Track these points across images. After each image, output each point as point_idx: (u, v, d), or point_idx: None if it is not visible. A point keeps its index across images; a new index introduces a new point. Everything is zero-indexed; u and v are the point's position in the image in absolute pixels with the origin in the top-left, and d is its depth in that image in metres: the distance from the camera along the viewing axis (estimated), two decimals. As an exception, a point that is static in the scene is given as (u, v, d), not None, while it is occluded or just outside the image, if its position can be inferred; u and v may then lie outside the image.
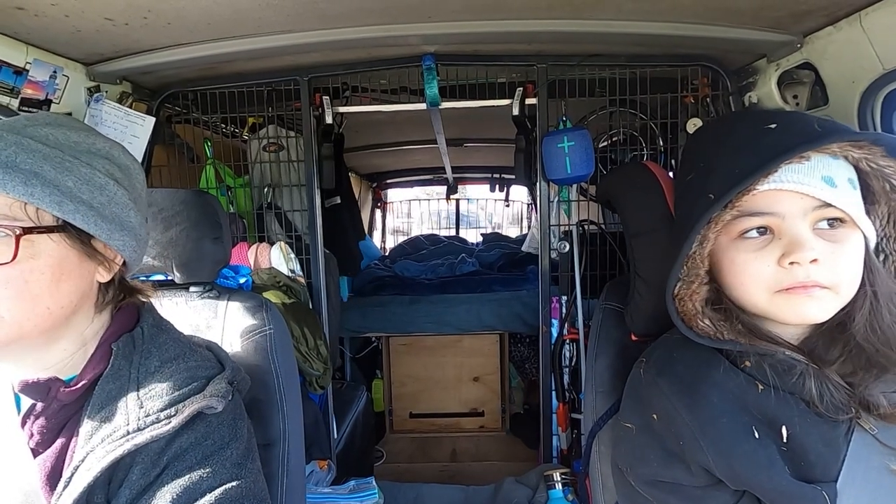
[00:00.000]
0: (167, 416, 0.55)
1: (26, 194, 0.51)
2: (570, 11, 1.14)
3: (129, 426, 0.54)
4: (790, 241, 0.56)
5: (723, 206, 0.57)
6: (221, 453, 0.57)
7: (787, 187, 0.55)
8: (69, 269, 0.55)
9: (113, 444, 0.53)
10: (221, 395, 0.59)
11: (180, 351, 0.63)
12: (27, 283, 0.52)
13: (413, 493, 1.98)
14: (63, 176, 0.54)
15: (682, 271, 0.62)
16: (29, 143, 0.54)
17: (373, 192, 4.12)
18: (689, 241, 0.59)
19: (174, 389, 0.58)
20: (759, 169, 0.55)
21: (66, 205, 0.53)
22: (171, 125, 1.74)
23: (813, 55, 1.14)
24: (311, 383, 1.55)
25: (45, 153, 0.54)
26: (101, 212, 0.56)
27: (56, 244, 0.54)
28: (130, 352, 0.60)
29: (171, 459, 0.55)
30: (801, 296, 0.56)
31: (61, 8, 0.97)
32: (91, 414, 0.56)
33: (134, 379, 0.58)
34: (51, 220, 0.54)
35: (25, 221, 0.52)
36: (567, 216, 1.67)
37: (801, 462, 0.57)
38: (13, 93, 1.12)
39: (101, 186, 0.57)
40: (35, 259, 0.52)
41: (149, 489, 0.54)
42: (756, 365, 0.60)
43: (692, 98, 1.53)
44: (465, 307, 2.42)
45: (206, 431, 0.57)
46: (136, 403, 0.56)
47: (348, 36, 1.22)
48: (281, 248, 1.62)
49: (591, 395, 0.91)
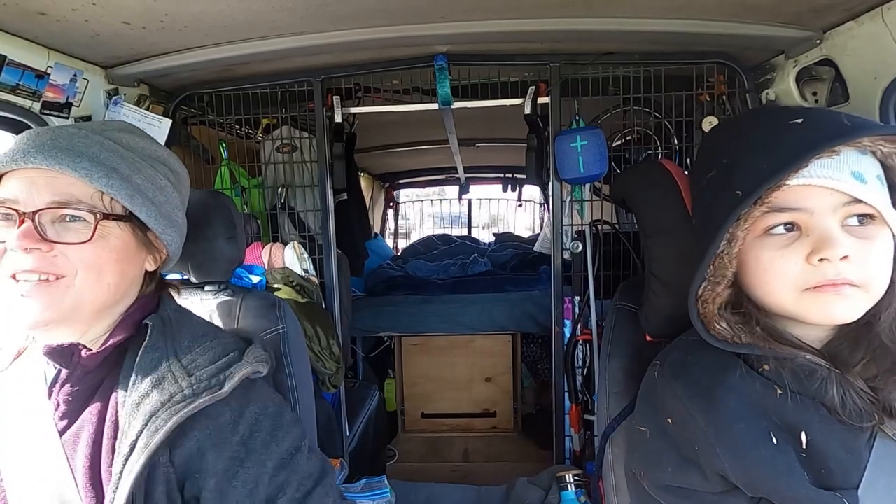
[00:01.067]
0: (218, 381, 0.61)
1: (107, 185, 0.59)
2: (583, 9, 1.13)
3: (184, 391, 0.59)
4: (819, 238, 0.54)
5: (752, 203, 0.55)
6: (284, 415, 0.65)
7: (817, 182, 0.53)
8: (129, 254, 0.64)
9: (176, 408, 0.58)
10: (263, 360, 0.66)
11: (207, 329, 0.70)
12: (98, 259, 0.60)
13: (425, 493, 1.98)
14: (134, 174, 0.63)
15: (709, 271, 0.60)
16: (109, 143, 0.62)
17: (385, 193, 4.13)
18: (718, 240, 0.57)
19: (215, 359, 0.64)
20: (791, 163, 0.53)
21: (136, 198, 0.62)
22: (187, 127, 1.76)
23: (833, 51, 1.12)
24: (324, 382, 1.56)
25: (121, 153, 0.63)
26: (161, 209, 0.65)
27: (122, 231, 0.62)
28: (162, 329, 0.66)
29: (251, 430, 0.62)
30: (830, 294, 0.54)
31: (81, 13, 0.99)
32: (135, 382, 0.61)
33: (172, 352, 0.64)
34: (121, 210, 0.62)
35: (101, 209, 0.60)
36: (580, 216, 1.65)
37: (820, 469, 0.55)
38: (35, 96, 1.15)
39: (161, 187, 0.66)
40: (105, 240, 0.60)
41: (239, 457, 0.60)
42: (775, 369, 0.58)
43: (707, 96, 1.51)
44: (478, 307, 2.42)
45: (262, 401, 0.65)
46: (183, 372, 0.62)
47: (360, 37, 1.22)
48: (294, 248, 1.63)
49: (604, 396, 0.90)
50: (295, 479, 0.62)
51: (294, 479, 0.62)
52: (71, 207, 0.58)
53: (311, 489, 0.63)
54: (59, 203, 0.58)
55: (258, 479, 0.60)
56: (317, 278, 1.66)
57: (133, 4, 0.98)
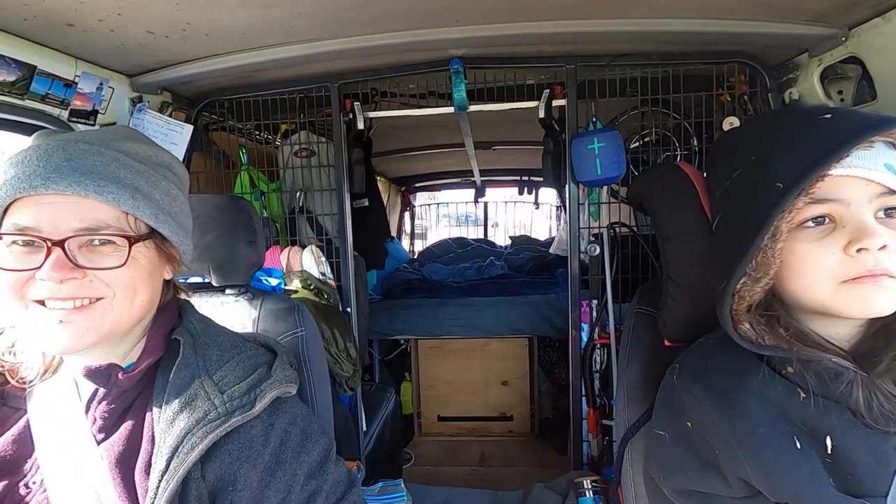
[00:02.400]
0: (249, 400, 0.62)
1: (133, 207, 0.59)
2: (599, 11, 1.12)
3: (218, 409, 0.60)
4: (857, 228, 0.53)
5: (796, 195, 0.54)
6: (311, 426, 0.67)
7: (858, 173, 0.53)
8: (155, 268, 0.64)
9: (211, 426, 0.58)
10: (292, 380, 0.67)
11: (234, 341, 0.70)
12: (133, 279, 0.60)
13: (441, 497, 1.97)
14: (153, 190, 0.62)
15: (750, 266, 0.58)
16: (124, 158, 0.61)
17: (401, 196, 4.15)
18: (762, 234, 0.56)
19: (245, 376, 0.64)
20: (834, 151, 0.52)
21: (160, 216, 0.61)
22: (208, 133, 1.80)
23: (859, 48, 1.09)
24: (341, 384, 1.57)
25: (137, 168, 0.61)
26: (177, 219, 0.65)
27: (148, 248, 0.62)
28: (192, 344, 0.66)
29: (282, 442, 0.63)
30: (869, 285, 0.53)
31: (107, 23, 1.02)
32: (168, 399, 0.61)
33: (203, 367, 0.64)
34: (145, 228, 0.62)
35: (128, 230, 0.60)
36: (596, 219, 1.64)
37: (847, 475, 0.54)
38: (63, 104, 1.19)
39: (174, 197, 0.65)
40: (136, 260, 0.60)
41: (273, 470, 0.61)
42: (799, 371, 0.57)
43: (728, 96, 1.48)
44: (494, 310, 2.41)
45: (291, 411, 0.66)
46: (216, 389, 0.62)
47: (376, 42, 1.23)
48: (312, 252, 1.65)
49: (622, 401, 0.89)
50: (325, 487, 0.63)
51: (324, 487, 0.63)
52: (101, 233, 0.57)
53: (340, 497, 0.64)
54: (87, 230, 0.57)
55: (290, 488, 0.60)
56: (334, 281, 1.67)
57: (156, 14, 1.01)
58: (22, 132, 1.15)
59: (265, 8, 1.03)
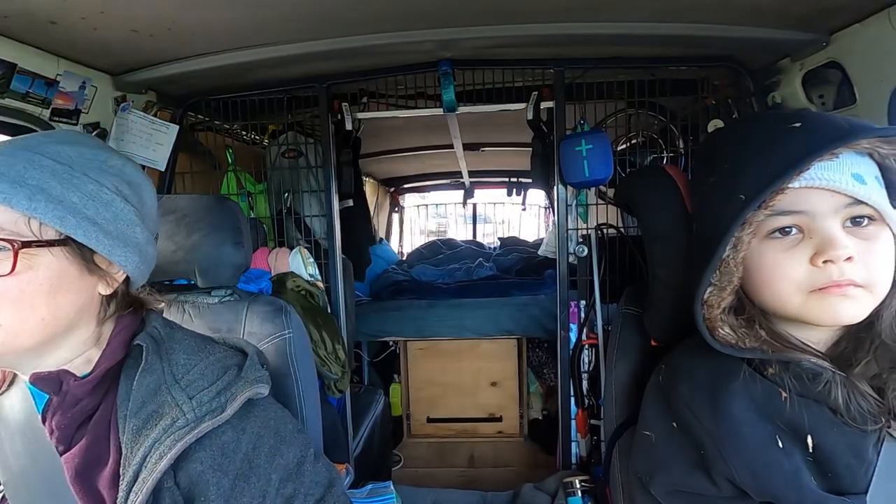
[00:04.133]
0: (219, 405, 0.59)
1: (29, 209, 0.52)
2: (586, 14, 1.13)
3: (186, 416, 0.57)
4: (823, 240, 0.54)
5: (756, 207, 0.55)
6: (286, 427, 0.64)
7: (819, 184, 0.54)
8: (68, 282, 0.56)
9: (179, 433, 0.56)
10: (264, 380, 0.64)
11: (200, 344, 0.66)
12: (24, 293, 0.53)
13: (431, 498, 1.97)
14: (69, 192, 0.55)
15: (714, 276, 0.60)
16: (40, 159, 0.55)
17: (390, 197, 4.14)
18: (724, 245, 0.57)
19: (214, 380, 0.61)
20: (793, 166, 0.53)
21: (68, 220, 0.54)
22: (194, 133, 1.78)
23: (839, 53, 1.11)
24: (330, 387, 1.56)
25: (53, 169, 0.55)
26: (105, 227, 0.57)
27: (56, 258, 0.55)
28: (156, 349, 0.63)
29: (253, 446, 0.60)
30: (835, 296, 0.54)
31: (90, 21, 1.01)
32: (133, 408, 0.58)
33: (168, 373, 0.61)
34: (53, 234, 0.55)
35: (28, 236, 0.53)
36: (584, 220, 1.65)
37: (828, 473, 0.55)
38: (45, 104, 1.17)
39: (107, 203, 0.58)
40: (33, 271, 0.53)
41: (244, 474, 0.58)
42: (779, 372, 0.58)
43: (713, 99, 1.50)
44: (483, 311, 2.41)
45: (263, 414, 0.63)
46: (183, 395, 0.59)
47: (366, 43, 1.23)
48: (300, 253, 1.64)
49: (610, 400, 0.89)
50: (302, 490, 0.61)
51: (301, 490, 0.61)
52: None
53: (319, 498, 0.62)
54: None
55: (265, 493, 0.58)
56: (322, 283, 1.66)
57: (141, 12, 1.00)
58: (2, 131, 1.12)
59: (253, 7, 1.02)
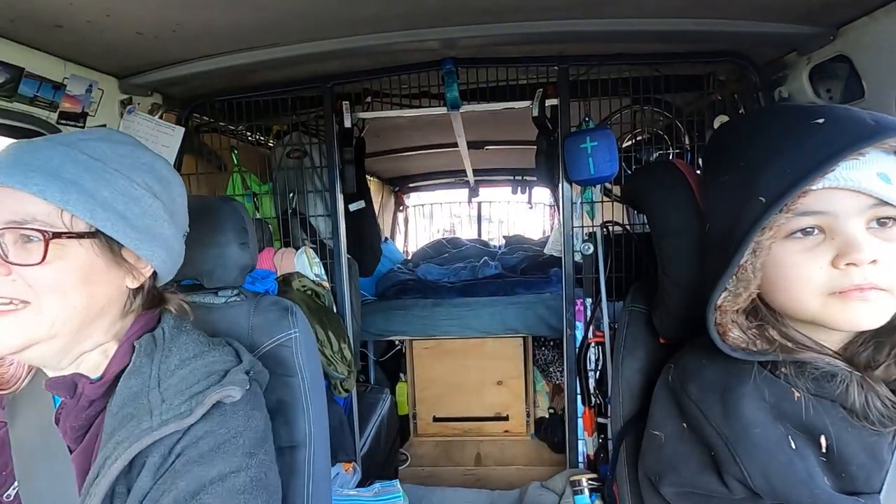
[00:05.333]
0: (189, 408, 0.57)
1: (62, 201, 0.55)
2: (590, 10, 1.13)
3: (152, 420, 0.56)
4: (846, 242, 0.52)
5: (778, 210, 0.53)
6: (233, 441, 0.59)
7: (844, 185, 0.52)
8: (96, 272, 0.59)
9: (138, 436, 0.55)
10: (238, 383, 0.61)
11: (199, 349, 0.65)
12: (58, 282, 0.56)
13: (437, 497, 1.97)
14: (101, 186, 0.57)
15: (731, 282, 0.57)
16: (77, 154, 0.57)
17: (395, 196, 4.15)
18: (742, 251, 0.55)
19: (194, 383, 0.60)
20: (817, 168, 0.51)
21: (98, 213, 0.56)
22: (200, 135, 1.79)
23: (847, 47, 1.10)
24: (336, 386, 1.57)
25: (88, 165, 0.57)
26: (133, 222, 0.59)
27: (85, 250, 0.57)
28: (152, 350, 0.63)
29: (186, 447, 0.57)
30: (857, 300, 0.52)
31: (95, 24, 1.01)
32: (113, 410, 0.58)
33: (154, 376, 0.60)
34: (84, 226, 0.57)
35: (60, 227, 0.56)
36: (591, 217, 1.64)
37: (841, 473, 0.54)
38: (52, 107, 1.17)
39: (136, 198, 0.60)
40: (64, 261, 0.56)
41: (164, 475, 0.56)
42: (792, 372, 0.56)
43: (719, 95, 1.49)
44: (489, 310, 2.42)
45: (220, 420, 0.59)
46: (158, 398, 0.58)
47: (369, 42, 1.23)
48: (306, 253, 1.64)
49: (617, 399, 0.89)
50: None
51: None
52: (26, 227, 0.54)
53: None
54: (15, 223, 0.54)
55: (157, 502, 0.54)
56: (328, 282, 1.67)
57: (145, 14, 1.00)
58: (10, 135, 1.13)
59: (257, 8, 1.02)
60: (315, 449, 0.85)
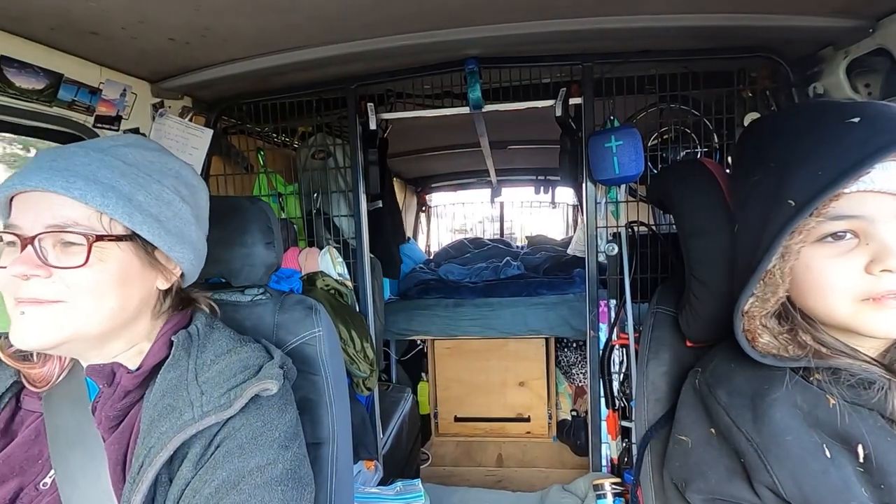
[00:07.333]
0: (228, 400, 0.60)
1: (103, 205, 0.56)
2: (616, 7, 1.11)
3: (193, 412, 0.58)
4: (881, 247, 0.50)
5: (808, 214, 0.51)
6: (269, 434, 0.61)
7: (880, 188, 0.50)
8: (132, 274, 0.61)
9: (181, 427, 0.58)
10: (274, 377, 0.64)
11: (232, 345, 0.68)
12: (97, 283, 0.58)
13: (458, 497, 1.98)
14: (136, 191, 0.60)
15: (758, 286, 0.56)
16: (111, 160, 0.60)
17: (417, 197, 4.17)
18: (770, 255, 0.53)
19: (231, 377, 0.63)
20: (850, 171, 0.49)
21: (135, 217, 0.58)
22: (227, 136, 1.83)
23: (888, 40, 1.05)
24: (358, 385, 1.58)
25: (122, 170, 0.60)
26: (166, 225, 0.62)
27: (123, 252, 0.60)
28: (188, 345, 0.65)
29: (224, 438, 0.59)
30: (892, 308, 0.50)
31: (129, 31, 1.05)
32: (153, 401, 0.60)
33: (192, 369, 0.63)
34: (121, 229, 0.59)
35: (99, 230, 0.58)
36: (615, 218, 1.62)
37: (880, 484, 0.51)
38: (89, 111, 1.22)
39: (168, 202, 0.63)
40: (104, 263, 0.58)
41: (205, 466, 0.58)
42: (826, 379, 0.54)
43: (750, 91, 1.45)
44: (511, 311, 2.40)
45: (256, 413, 0.62)
46: (198, 391, 0.61)
47: (392, 44, 1.24)
48: (329, 253, 1.66)
49: (642, 402, 0.87)
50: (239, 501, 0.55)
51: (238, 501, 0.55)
52: (67, 231, 0.56)
53: None
54: (56, 227, 0.56)
55: (197, 491, 0.56)
56: (351, 282, 1.69)
57: (177, 21, 1.03)
58: (50, 139, 1.18)
59: (282, 12, 1.04)
60: (338, 446, 0.86)
